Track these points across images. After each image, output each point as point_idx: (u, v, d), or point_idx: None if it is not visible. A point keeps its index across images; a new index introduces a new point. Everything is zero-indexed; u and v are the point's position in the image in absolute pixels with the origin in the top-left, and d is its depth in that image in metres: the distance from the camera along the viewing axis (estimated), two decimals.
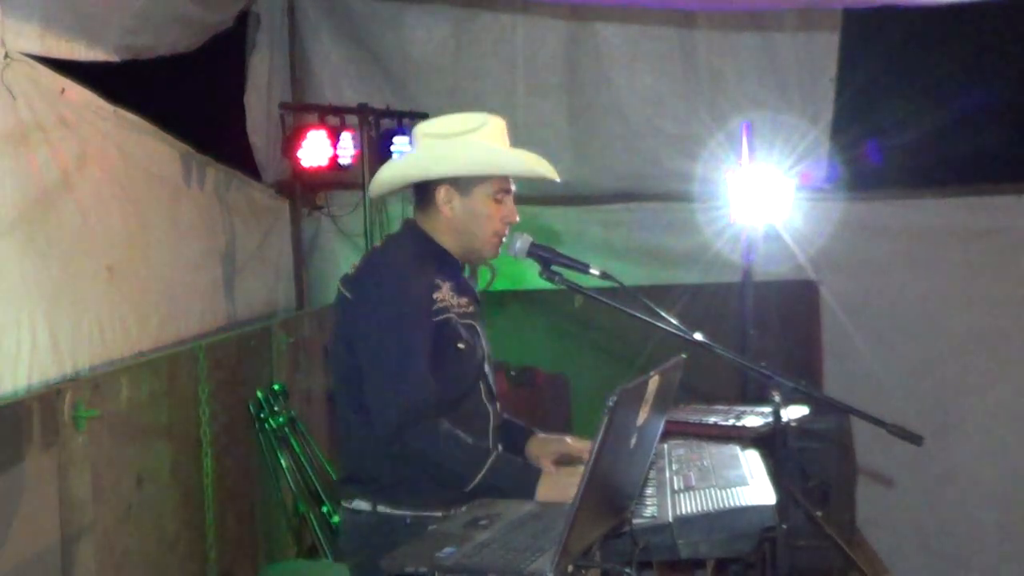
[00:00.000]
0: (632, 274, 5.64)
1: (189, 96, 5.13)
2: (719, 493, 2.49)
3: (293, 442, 4.48)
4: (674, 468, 2.79)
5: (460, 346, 2.53)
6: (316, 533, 4.45)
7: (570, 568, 1.90)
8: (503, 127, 2.63)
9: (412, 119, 5.44)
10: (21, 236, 2.89)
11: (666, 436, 2.95)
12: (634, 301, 2.57)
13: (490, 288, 2.91)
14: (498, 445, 2.64)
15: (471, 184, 2.58)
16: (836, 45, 5.87)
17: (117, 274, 3.49)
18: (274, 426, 4.42)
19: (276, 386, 4.57)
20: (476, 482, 2.42)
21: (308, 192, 6.13)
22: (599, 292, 2.59)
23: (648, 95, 6.05)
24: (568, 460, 2.65)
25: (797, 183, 5.20)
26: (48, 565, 2.82)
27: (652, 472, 2.68)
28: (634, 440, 2.10)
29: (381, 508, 2.50)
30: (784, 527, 2.38)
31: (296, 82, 5.95)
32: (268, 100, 5.75)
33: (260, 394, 4.42)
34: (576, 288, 2.60)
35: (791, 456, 4.41)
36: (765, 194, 4.83)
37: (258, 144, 5.75)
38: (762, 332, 5.07)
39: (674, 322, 2.58)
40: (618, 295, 2.61)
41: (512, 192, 2.64)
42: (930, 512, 6.00)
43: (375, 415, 2.44)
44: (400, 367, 2.42)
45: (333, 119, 5.31)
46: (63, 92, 3.22)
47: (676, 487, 2.60)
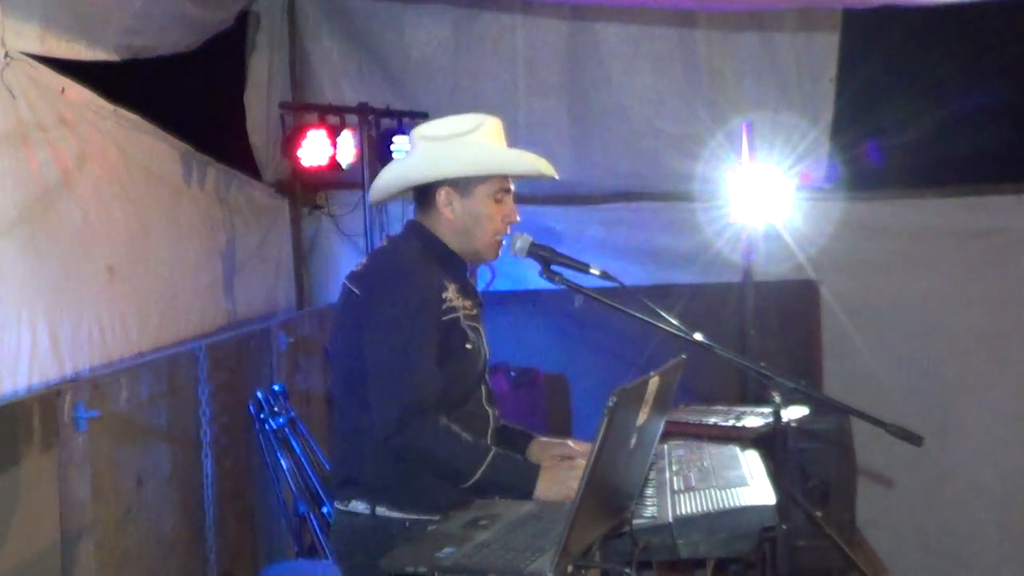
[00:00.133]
0: (632, 274, 5.65)
1: (189, 96, 5.13)
2: (719, 493, 2.49)
3: (293, 442, 4.48)
4: (674, 468, 2.79)
5: (467, 346, 2.53)
6: (316, 533, 4.45)
7: (570, 568, 1.90)
8: (500, 127, 2.64)
9: (412, 119, 5.44)
10: (21, 236, 2.89)
11: (666, 436, 2.95)
12: (634, 301, 2.57)
13: (490, 288, 2.91)
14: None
15: (471, 185, 2.58)
16: (836, 45, 5.88)
17: (117, 274, 3.49)
18: (274, 426, 4.42)
19: (276, 386, 4.57)
20: (476, 478, 2.41)
21: (308, 192, 6.13)
22: (599, 292, 2.59)
23: (648, 95, 6.06)
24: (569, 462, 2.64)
25: (797, 183, 5.21)
26: (48, 565, 2.81)
27: (652, 472, 2.68)
28: (634, 440, 2.10)
29: (380, 511, 2.48)
30: (784, 527, 2.38)
31: (296, 82, 5.96)
32: (268, 100, 5.76)
33: (260, 394, 4.42)
34: (576, 288, 2.60)
35: (791, 456, 4.42)
36: (765, 194, 4.84)
37: (258, 144, 5.75)
38: (762, 332, 5.08)
39: (674, 322, 2.58)
40: (618, 295, 2.61)
41: (512, 192, 2.64)
42: (930, 512, 6.00)
43: (377, 411, 2.42)
44: (405, 363, 2.41)
45: (333, 119, 5.30)
46: (63, 92, 3.22)
47: (676, 487, 2.60)
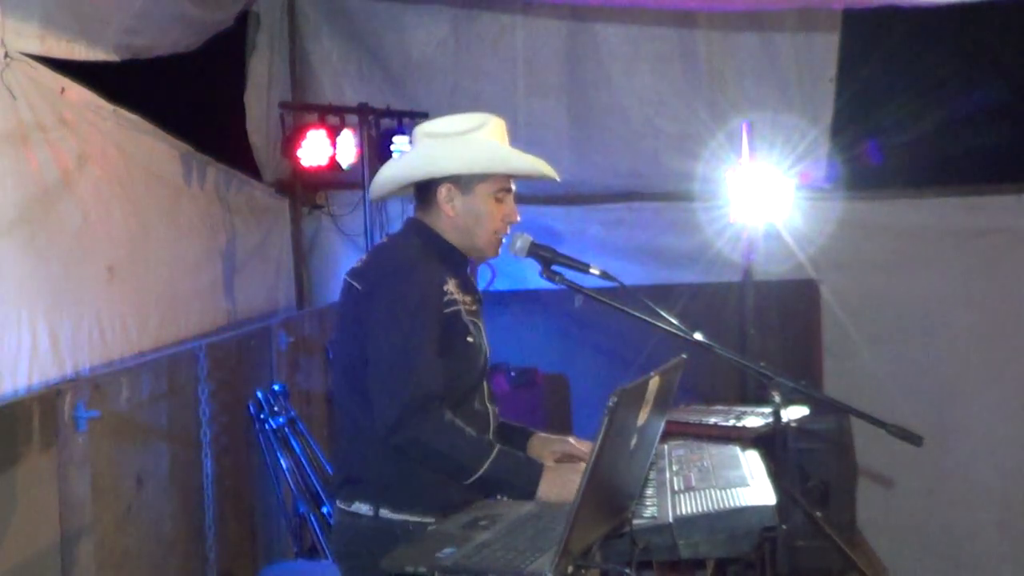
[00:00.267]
0: (632, 274, 5.65)
1: (189, 96, 5.13)
2: (719, 493, 2.49)
3: (293, 442, 4.48)
4: (674, 468, 2.79)
5: (469, 339, 2.52)
6: (316, 533, 4.45)
7: (570, 568, 1.90)
8: (503, 127, 2.64)
9: (412, 119, 5.44)
10: (21, 236, 2.89)
11: (666, 436, 2.95)
12: (634, 301, 2.57)
13: (490, 288, 2.91)
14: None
15: (472, 183, 2.58)
16: (836, 45, 5.87)
17: (117, 274, 3.49)
18: (274, 426, 4.42)
19: (276, 386, 4.57)
20: (480, 474, 2.40)
21: (308, 191, 6.13)
22: (599, 292, 2.59)
23: (648, 95, 6.06)
24: (570, 460, 2.63)
25: (797, 183, 5.21)
26: (48, 565, 2.81)
27: (652, 472, 2.68)
28: (634, 440, 2.10)
29: (384, 512, 2.46)
30: (784, 527, 2.38)
31: (296, 82, 5.96)
32: (268, 100, 5.76)
33: (260, 394, 4.42)
34: (576, 288, 2.60)
35: (791, 456, 4.43)
36: (765, 193, 4.84)
37: (258, 144, 5.75)
38: (762, 332, 5.08)
39: (674, 322, 2.58)
40: (618, 295, 2.61)
41: (513, 191, 2.64)
42: (930, 512, 6.00)
43: (378, 407, 2.41)
44: (407, 357, 2.40)
45: (333, 119, 5.30)
46: (63, 92, 3.22)
47: (676, 487, 2.60)
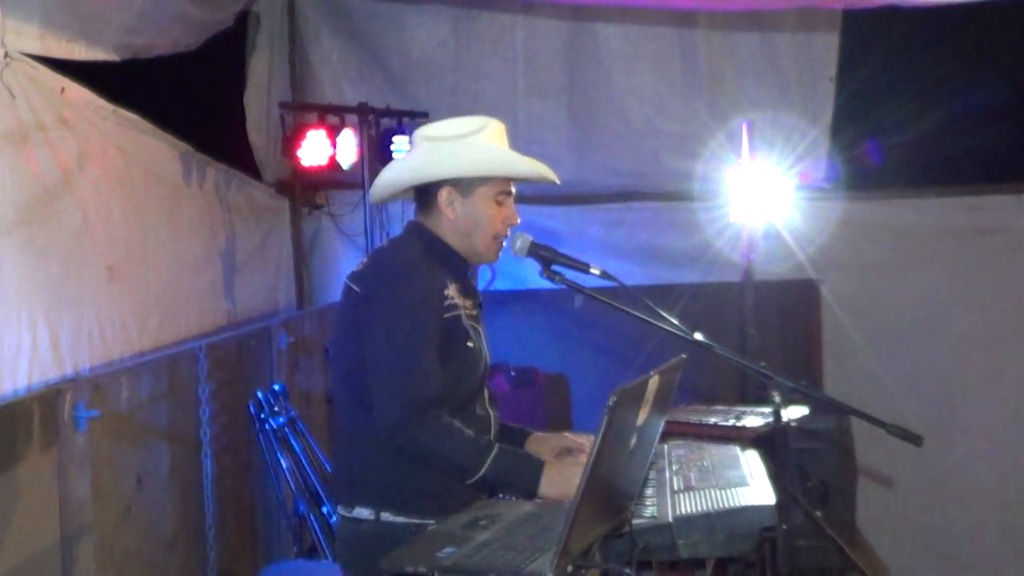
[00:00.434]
0: (632, 273, 5.65)
1: (189, 96, 5.13)
2: (719, 493, 2.49)
3: (293, 442, 4.48)
4: (674, 468, 2.79)
5: (469, 344, 2.53)
6: (316, 533, 4.45)
7: (570, 568, 1.90)
8: (503, 130, 2.64)
9: (412, 119, 5.45)
10: (21, 236, 2.89)
11: (666, 436, 2.95)
12: (634, 301, 2.57)
13: (490, 288, 2.91)
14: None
15: (473, 186, 2.58)
16: (836, 45, 5.88)
17: (117, 274, 3.49)
18: (274, 426, 4.42)
19: (276, 386, 4.57)
20: (480, 474, 2.39)
21: (308, 191, 6.13)
22: (599, 292, 2.60)
23: (648, 95, 6.06)
24: (569, 455, 2.63)
25: (797, 182, 5.21)
26: (48, 565, 2.81)
27: (652, 472, 2.68)
28: (634, 440, 2.10)
29: (385, 516, 2.46)
30: (784, 527, 2.38)
31: (296, 82, 5.96)
32: (268, 100, 5.76)
33: (260, 394, 4.42)
34: (576, 288, 2.60)
35: (791, 456, 4.43)
36: (765, 193, 4.85)
37: (258, 144, 5.75)
38: (762, 332, 5.08)
39: (674, 322, 2.58)
40: (618, 295, 2.61)
41: (513, 194, 2.64)
42: (930, 512, 6.00)
43: (378, 409, 2.41)
44: (407, 361, 2.40)
45: (333, 118, 5.30)
46: (63, 92, 3.22)
47: (676, 487, 2.60)
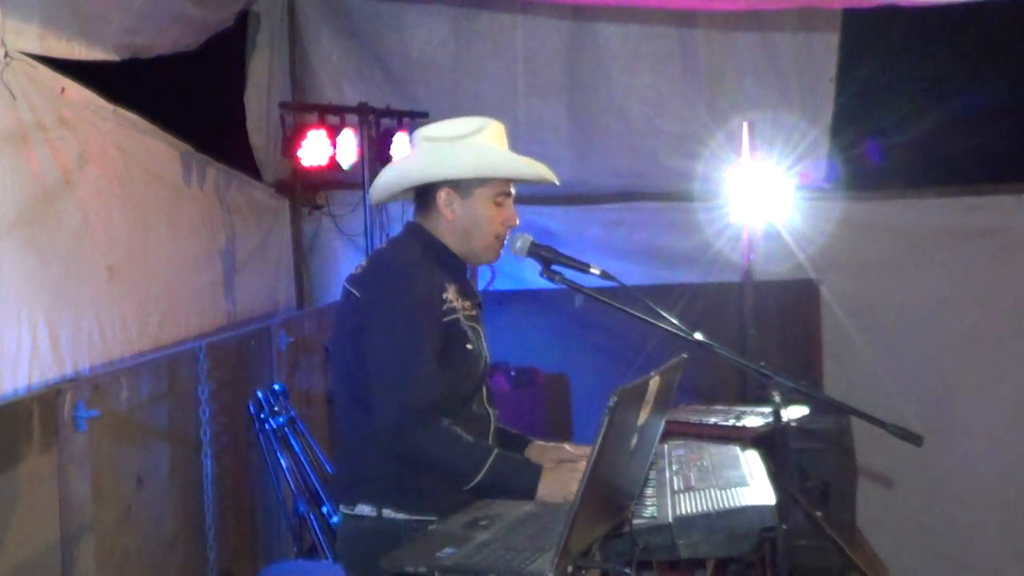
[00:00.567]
0: (632, 274, 5.65)
1: (189, 96, 5.13)
2: (719, 493, 2.49)
3: (293, 442, 4.48)
4: (674, 468, 2.79)
5: (468, 347, 2.53)
6: (316, 533, 4.45)
7: (570, 568, 1.90)
8: (502, 131, 2.64)
9: (412, 118, 5.45)
10: (21, 236, 2.89)
11: (666, 436, 2.95)
12: (634, 301, 2.57)
13: (490, 288, 2.91)
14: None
15: (472, 187, 2.58)
16: (836, 45, 5.88)
17: (117, 274, 3.49)
18: (274, 426, 4.42)
19: (276, 386, 4.57)
20: (478, 479, 2.41)
21: (308, 192, 6.13)
22: (599, 292, 2.59)
23: (648, 95, 6.06)
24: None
25: (797, 183, 5.22)
26: (48, 565, 2.81)
27: (652, 472, 2.68)
28: (634, 440, 2.10)
29: (387, 513, 2.47)
30: (784, 527, 2.38)
31: (296, 82, 5.96)
32: (268, 99, 5.76)
33: (260, 394, 4.42)
34: (576, 288, 2.60)
35: (791, 456, 4.42)
36: (765, 193, 4.85)
37: (258, 144, 5.75)
38: (762, 332, 5.08)
39: (674, 322, 2.58)
40: (618, 295, 2.61)
41: (512, 195, 2.65)
42: (930, 512, 6.00)
43: (378, 413, 2.42)
44: (405, 366, 2.41)
45: (333, 118, 5.30)
46: (63, 92, 3.22)
47: (676, 487, 2.60)
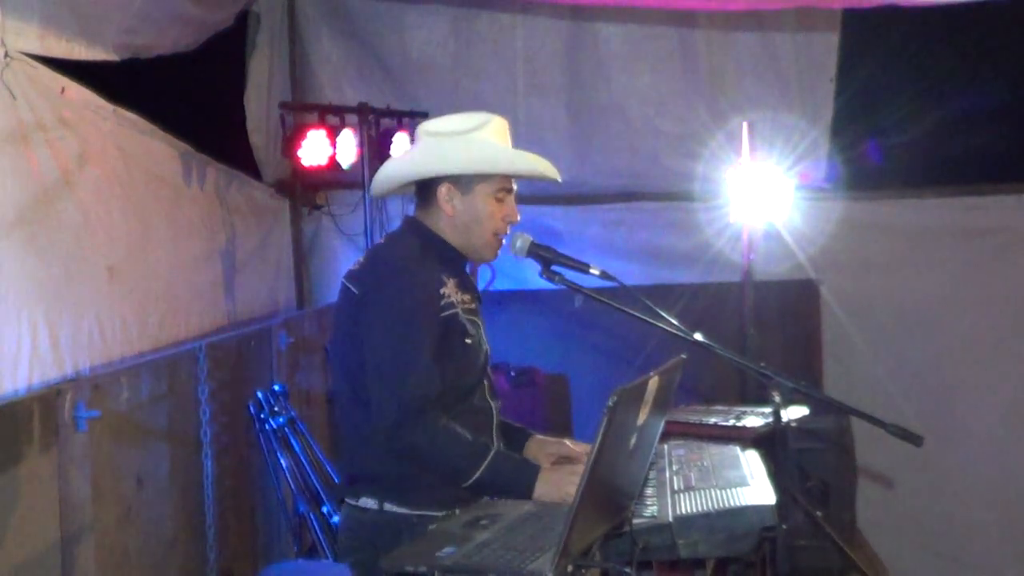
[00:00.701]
0: (632, 274, 5.65)
1: (189, 96, 5.13)
2: (719, 493, 2.49)
3: (293, 442, 4.48)
4: (674, 468, 2.79)
5: (467, 341, 2.54)
6: (316, 533, 4.45)
7: (570, 568, 1.90)
8: (505, 127, 2.64)
9: (412, 118, 5.44)
10: (21, 236, 2.89)
11: (666, 436, 2.95)
12: (634, 301, 2.58)
13: (490, 288, 2.91)
14: (499, 442, 2.64)
15: (472, 183, 2.58)
16: (836, 45, 5.88)
17: (117, 274, 3.49)
18: (274, 426, 4.42)
19: (276, 386, 4.57)
20: (476, 477, 2.41)
21: (308, 191, 6.13)
22: (599, 292, 2.60)
23: (648, 95, 6.06)
24: (567, 462, 2.64)
25: (797, 183, 5.22)
26: (48, 565, 2.81)
27: (652, 472, 2.68)
28: (634, 440, 2.10)
29: (388, 507, 2.50)
30: (784, 527, 2.38)
31: (296, 81, 5.96)
32: (268, 99, 5.75)
33: (260, 394, 4.42)
34: (576, 288, 2.60)
35: (791, 456, 4.42)
36: (765, 193, 4.85)
37: (258, 143, 5.75)
38: (762, 332, 5.08)
39: (674, 322, 2.58)
40: (618, 295, 2.61)
41: (513, 191, 2.65)
42: (930, 512, 6.00)
43: (376, 411, 2.43)
44: (403, 363, 2.42)
45: (333, 118, 5.30)
46: (63, 92, 3.22)
47: (676, 487, 2.60)
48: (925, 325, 6.00)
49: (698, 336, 2.57)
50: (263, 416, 4.41)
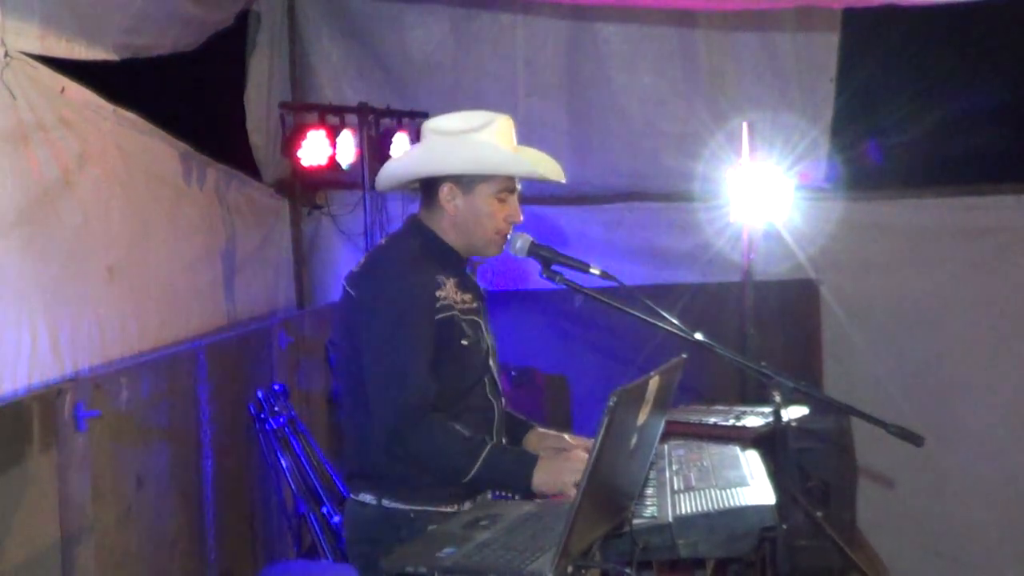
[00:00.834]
0: (632, 273, 5.64)
1: (189, 96, 5.13)
2: (719, 493, 2.49)
3: (293, 442, 4.48)
4: (674, 468, 2.79)
5: (464, 343, 2.54)
6: (316, 533, 4.45)
7: (570, 568, 1.90)
8: (511, 126, 2.64)
9: (412, 119, 5.44)
10: (21, 236, 2.89)
11: (666, 436, 2.95)
12: (634, 301, 2.58)
13: (490, 288, 2.91)
14: (502, 440, 2.65)
15: (474, 183, 2.58)
16: (836, 45, 5.87)
17: (117, 274, 3.49)
18: (274, 426, 4.42)
19: (276, 386, 4.57)
20: (473, 473, 2.42)
21: (308, 192, 6.13)
22: (599, 292, 2.60)
23: (648, 95, 6.05)
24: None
25: (797, 183, 5.21)
26: (48, 565, 2.81)
27: (652, 472, 2.68)
28: (634, 440, 2.10)
29: (386, 502, 2.52)
30: (784, 527, 2.38)
31: (296, 81, 5.95)
32: (268, 99, 5.75)
33: (260, 394, 4.42)
34: (576, 288, 2.60)
35: (791, 456, 4.42)
36: (765, 193, 4.84)
37: (258, 143, 5.75)
38: (762, 332, 5.08)
39: (674, 322, 2.58)
40: (618, 295, 2.61)
41: (517, 191, 2.65)
42: (930, 512, 5.99)
43: (375, 416, 2.45)
44: (400, 368, 2.43)
45: (333, 118, 5.29)
46: (63, 92, 3.22)
47: (676, 487, 2.60)
48: (925, 325, 5.99)
49: (698, 336, 2.57)
50: (263, 416, 4.41)
